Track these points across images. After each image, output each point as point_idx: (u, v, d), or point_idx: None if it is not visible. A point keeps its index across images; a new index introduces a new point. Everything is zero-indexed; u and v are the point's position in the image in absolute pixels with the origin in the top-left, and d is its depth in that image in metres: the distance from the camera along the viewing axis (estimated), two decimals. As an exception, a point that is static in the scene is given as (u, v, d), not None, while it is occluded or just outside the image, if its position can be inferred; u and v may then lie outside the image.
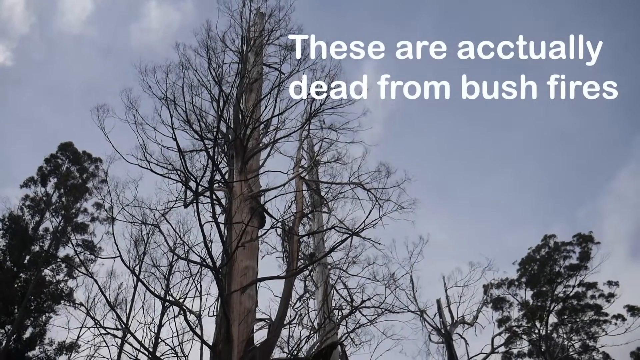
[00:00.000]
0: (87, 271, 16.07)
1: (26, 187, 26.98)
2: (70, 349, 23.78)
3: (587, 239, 28.40)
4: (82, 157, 28.89)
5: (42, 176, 27.43)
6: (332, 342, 9.70)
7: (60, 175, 27.68)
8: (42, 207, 26.36)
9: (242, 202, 9.48)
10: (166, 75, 10.19)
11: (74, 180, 28.10)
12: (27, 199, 26.52)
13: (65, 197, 27.40)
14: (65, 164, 28.53)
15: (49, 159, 28.12)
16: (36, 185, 27.19)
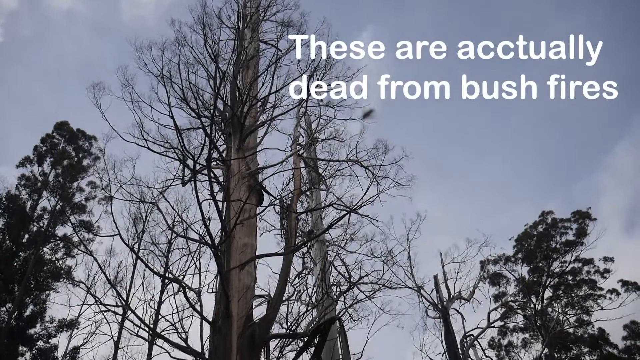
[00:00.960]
0: (87, 249, 16.16)
1: (22, 166, 26.96)
2: (70, 326, 24.03)
3: (585, 215, 28.58)
4: (77, 136, 28.81)
5: (38, 156, 27.38)
6: (330, 318, 9.80)
7: (56, 155, 27.62)
8: (39, 187, 26.37)
9: (240, 180, 9.49)
10: (162, 52, 10.11)
11: (70, 160, 28.06)
12: (23, 178, 26.52)
13: (62, 177, 27.39)
14: (61, 143, 28.45)
15: (44, 138, 28.04)
16: (32, 164, 27.17)
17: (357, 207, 10.38)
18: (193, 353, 7.81)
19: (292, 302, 12.70)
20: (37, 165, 27.16)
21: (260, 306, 10.60)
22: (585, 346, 25.45)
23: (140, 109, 10.07)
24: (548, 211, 30.12)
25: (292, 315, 12.57)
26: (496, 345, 27.91)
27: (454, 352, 17.28)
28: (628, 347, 24.82)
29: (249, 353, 7.79)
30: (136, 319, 8.33)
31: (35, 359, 23.03)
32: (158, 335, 9.99)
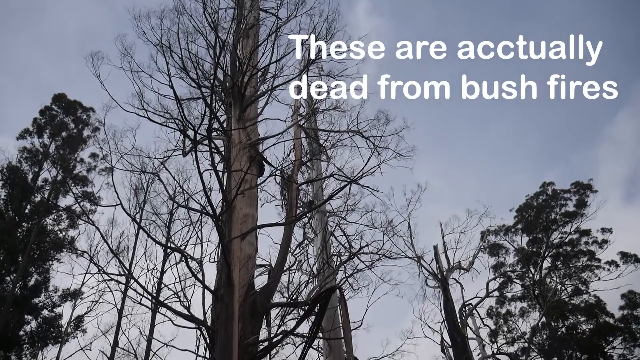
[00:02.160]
0: (89, 219, 16.26)
1: (22, 138, 26.98)
2: (74, 296, 24.37)
3: (585, 186, 28.61)
4: (75, 108, 28.70)
5: (37, 127, 27.34)
6: (330, 287, 9.91)
7: (55, 126, 27.56)
8: (39, 158, 26.39)
9: (241, 150, 9.47)
10: (160, 20, 9.97)
11: (69, 131, 28.02)
12: (24, 150, 26.53)
13: (62, 148, 27.39)
14: (59, 115, 28.36)
15: (43, 110, 27.96)
16: (32, 136, 27.14)
17: (357, 178, 10.39)
18: (196, 321, 7.91)
19: (293, 271, 12.85)
20: (37, 137, 27.16)
21: (261, 276, 10.72)
22: (582, 315, 25.78)
23: (140, 79, 9.99)
24: (549, 182, 30.19)
25: (293, 285, 12.73)
26: (494, 314, 28.30)
27: (452, 320, 17.54)
28: (624, 316, 25.14)
29: (250, 321, 7.91)
30: (139, 287, 8.44)
31: (40, 327, 23.43)
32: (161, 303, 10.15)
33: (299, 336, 10.16)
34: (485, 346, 21.76)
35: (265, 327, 9.63)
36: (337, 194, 11.32)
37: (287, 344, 13.98)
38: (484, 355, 19.45)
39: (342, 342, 12.11)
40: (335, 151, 13.59)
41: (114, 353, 20.70)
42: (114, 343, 20.87)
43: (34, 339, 23.05)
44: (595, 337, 24.66)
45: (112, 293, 22.31)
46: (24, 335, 22.96)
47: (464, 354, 16.42)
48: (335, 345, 12.01)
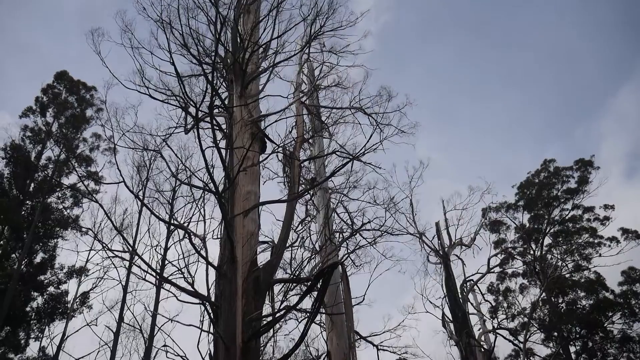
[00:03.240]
0: (92, 197, 16.34)
1: (25, 116, 26.92)
2: (80, 272, 24.63)
3: (587, 163, 28.56)
4: (78, 87, 28.57)
5: (40, 106, 27.25)
6: (333, 262, 10.01)
7: (58, 105, 27.48)
8: (42, 137, 26.39)
9: (243, 127, 9.47)
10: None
11: (72, 110, 27.95)
12: (27, 129, 26.50)
13: (65, 127, 27.36)
14: (62, 94, 28.26)
15: (45, 88, 27.83)
16: (35, 115, 27.07)
17: (359, 155, 10.40)
18: (200, 297, 8.00)
19: (295, 248, 12.97)
20: (40, 115, 27.08)
21: (264, 252, 10.81)
22: (581, 291, 25.98)
23: (141, 56, 9.95)
24: (550, 159, 30.13)
25: (295, 261, 12.86)
26: (495, 290, 28.54)
27: (453, 296, 17.72)
28: (624, 292, 25.32)
29: (254, 297, 8.00)
30: (143, 264, 8.48)
31: (47, 303, 23.74)
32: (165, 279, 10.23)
33: (301, 311, 10.31)
34: (486, 321, 21.98)
35: (269, 302, 9.74)
36: (339, 170, 11.37)
37: (290, 319, 14.20)
38: (484, 330, 19.67)
39: (344, 317, 12.27)
40: (337, 128, 13.61)
41: (119, 328, 21.03)
42: (120, 318, 21.19)
43: (41, 315, 23.38)
44: (594, 312, 24.88)
45: (116, 269, 22.53)
46: (30, 311, 23.28)
47: (464, 329, 16.62)
48: (338, 320, 12.16)
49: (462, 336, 16.40)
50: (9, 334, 22.22)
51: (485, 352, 16.64)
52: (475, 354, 16.17)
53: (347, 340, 11.76)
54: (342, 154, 12.10)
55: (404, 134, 11.86)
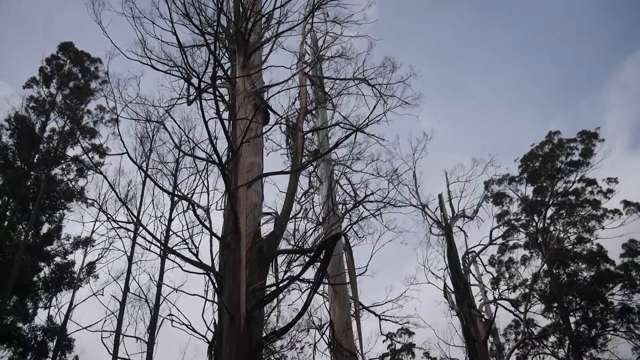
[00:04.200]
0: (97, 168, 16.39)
1: (29, 87, 26.77)
2: (85, 243, 24.90)
3: (592, 135, 28.39)
4: (82, 59, 28.34)
5: (44, 77, 27.08)
6: (336, 233, 10.08)
7: (62, 76, 27.32)
8: (46, 108, 26.31)
9: (246, 99, 9.42)
10: (161, -36, 9.72)
11: (76, 81, 27.80)
12: (31, 100, 26.40)
13: (70, 98, 27.26)
14: (66, 65, 28.07)
15: (49, 59, 27.61)
16: (39, 86, 26.92)
17: (363, 126, 10.37)
18: (204, 267, 8.09)
19: (299, 219, 13.06)
20: (44, 86, 26.94)
21: (267, 223, 10.87)
22: (583, 262, 26.16)
23: (142, 26, 9.84)
24: (555, 131, 29.94)
25: (299, 232, 12.97)
26: (497, 262, 28.77)
27: (455, 267, 17.87)
28: (625, 264, 25.47)
29: (257, 267, 8.08)
30: (148, 235, 8.56)
31: (53, 273, 24.07)
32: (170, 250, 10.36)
33: (304, 281, 10.43)
34: (487, 292, 22.25)
35: (272, 273, 9.84)
36: (343, 142, 11.34)
37: (294, 290, 14.37)
38: (485, 301, 19.90)
39: (347, 288, 12.42)
40: (340, 99, 13.52)
41: (125, 298, 21.36)
42: (125, 288, 21.51)
43: (48, 284, 23.73)
44: (595, 284, 25.09)
45: (121, 240, 22.83)
46: (38, 281, 23.63)
47: (465, 300, 16.82)
48: (341, 290, 12.31)
49: (463, 307, 16.60)
50: (17, 303, 22.61)
51: (486, 322, 16.87)
52: (476, 324, 16.39)
53: (350, 310, 11.92)
54: (346, 126, 12.06)
55: (407, 106, 11.81)
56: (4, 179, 23.77)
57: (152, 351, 19.92)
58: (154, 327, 20.41)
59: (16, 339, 21.06)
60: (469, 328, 16.29)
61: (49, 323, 22.76)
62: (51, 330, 22.29)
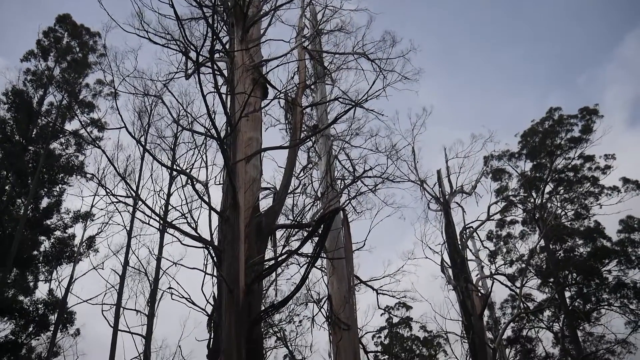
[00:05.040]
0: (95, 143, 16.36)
1: (26, 60, 26.46)
2: (85, 217, 24.97)
3: (592, 112, 28.29)
4: (81, 32, 27.98)
5: (42, 50, 26.76)
6: (334, 208, 10.13)
7: (60, 50, 27.01)
8: (44, 82, 26.08)
9: (244, 73, 9.36)
10: None
11: (74, 55, 27.50)
12: (29, 73, 26.14)
13: (68, 72, 27.00)
14: (64, 38, 27.73)
15: (47, 32, 27.25)
16: (36, 59, 26.64)
17: (362, 101, 10.33)
18: (203, 241, 8.14)
19: (297, 194, 13.10)
20: (41, 59, 26.65)
21: (266, 199, 10.92)
22: (580, 238, 26.34)
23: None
24: (556, 107, 29.80)
25: (297, 207, 13.03)
26: (494, 237, 28.94)
27: (453, 242, 17.99)
28: (621, 240, 25.65)
29: (256, 241, 8.15)
30: (147, 209, 8.62)
31: (54, 247, 24.20)
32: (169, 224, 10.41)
33: (303, 256, 10.51)
34: (484, 267, 22.45)
35: (271, 247, 9.93)
36: (342, 117, 11.30)
37: (292, 264, 14.51)
38: (482, 276, 20.10)
39: (344, 262, 12.52)
40: (340, 74, 13.43)
41: (125, 272, 21.52)
42: (125, 262, 21.65)
43: (48, 258, 23.87)
44: (591, 259, 25.30)
45: (120, 215, 22.82)
46: (38, 255, 23.76)
47: (462, 274, 16.98)
48: (338, 264, 12.42)
49: (460, 281, 16.78)
50: (17, 276, 22.78)
51: (482, 296, 17.07)
52: (472, 299, 16.58)
53: (347, 284, 12.05)
54: (345, 101, 12.02)
55: (407, 81, 11.76)
56: (2, 153, 23.71)
57: (152, 324, 20.17)
58: (154, 300, 20.62)
59: (17, 311, 21.27)
60: (466, 302, 16.49)
61: (50, 296, 22.97)
62: (52, 303, 22.50)
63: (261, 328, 8.44)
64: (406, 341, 31.90)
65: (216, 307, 7.84)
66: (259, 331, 7.77)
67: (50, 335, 21.75)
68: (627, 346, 23.84)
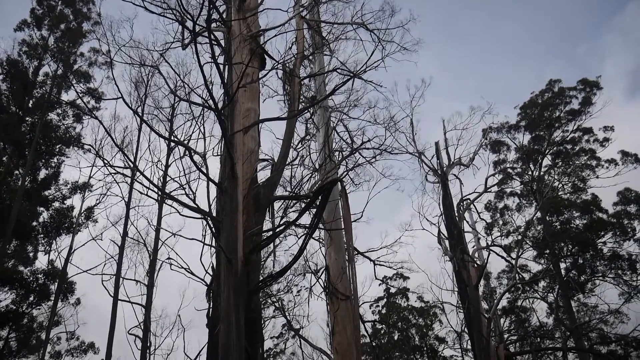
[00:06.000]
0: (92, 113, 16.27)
1: (20, 30, 26.07)
2: (83, 189, 25.00)
3: (592, 84, 28.09)
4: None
5: (36, 19, 26.34)
6: (332, 179, 10.15)
7: (54, 18, 26.57)
8: (39, 52, 25.75)
9: (242, 43, 9.25)
10: None
11: (68, 23, 27.08)
12: (23, 43, 25.78)
13: (62, 41, 26.63)
14: (58, 6, 27.27)
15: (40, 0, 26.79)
16: (30, 28, 26.23)
17: (361, 72, 10.25)
18: (201, 212, 8.17)
19: (295, 166, 13.11)
20: (35, 29, 26.24)
21: (264, 170, 10.93)
22: (576, 211, 26.48)
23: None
24: (556, 79, 29.57)
25: (295, 179, 13.05)
26: (491, 209, 29.08)
27: (450, 214, 18.07)
28: (617, 212, 25.79)
29: (254, 213, 8.19)
30: (145, 180, 8.61)
31: (52, 218, 24.29)
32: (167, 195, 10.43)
33: (300, 227, 10.60)
34: (480, 239, 22.62)
35: (269, 218, 9.98)
36: (340, 88, 11.23)
37: (290, 235, 14.62)
38: (478, 247, 20.26)
39: (342, 233, 12.62)
40: (338, 45, 13.29)
41: (124, 242, 21.69)
42: (124, 233, 21.79)
43: (48, 229, 23.99)
44: (587, 231, 25.49)
45: (119, 186, 22.88)
46: (37, 225, 23.87)
47: (459, 246, 17.11)
48: (336, 236, 12.51)
49: (456, 252, 16.91)
50: (17, 247, 22.94)
51: (478, 267, 17.23)
52: (469, 270, 16.74)
53: (345, 255, 12.17)
54: (343, 72, 11.93)
55: (406, 52, 11.66)
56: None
57: (151, 293, 20.43)
58: (153, 271, 20.84)
59: (18, 281, 21.48)
60: (462, 273, 16.66)
61: (50, 266, 23.16)
62: (52, 274, 22.71)
63: (260, 298, 8.55)
64: (403, 311, 32.37)
65: (215, 277, 7.93)
66: (257, 301, 7.88)
67: (51, 305, 22.04)
68: (619, 316, 24.25)
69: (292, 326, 17.87)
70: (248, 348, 6.61)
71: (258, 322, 7.74)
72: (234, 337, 6.27)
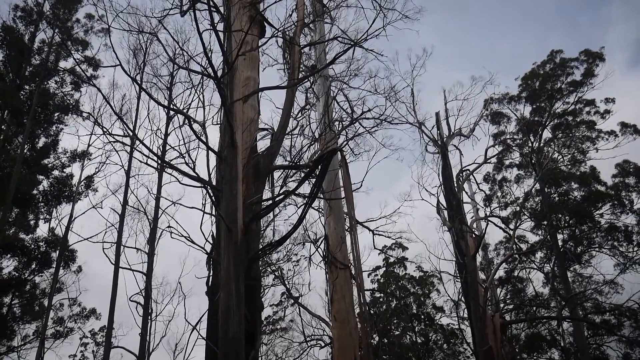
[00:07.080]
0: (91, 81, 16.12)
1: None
2: (82, 157, 24.97)
3: (595, 55, 27.75)
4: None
5: (30, -17, 25.81)
6: (332, 149, 10.14)
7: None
8: (34, 18, 25.35)
9: (241, 9, 9.11)
10: None
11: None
12: (17, 9, 25.35)
13: (58, 7, 26.18)
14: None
15: (32, -38, 26.20)
16: (25, -6, 25.74)
17: (361, 41, 10.12)
18: (201, 181, 8.19)
19: (295, 135, 13.08)
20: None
21: (263, 139, 10.91)
22: (575, 183, 26.52)
23: None
24: (558, 50, 29.20)
25: (295, 148, 13.03)
26: (490, 180, 29.12)
27: (449, 185, 18.13)
28: (616, 184, 25.84)
29: (254, 182, 8.21)
30: (145, 149, 8.58)
31: (52, 186, 24.33)
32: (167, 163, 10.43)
33: (300, 196, 10.63)
34: (479, 210, 22.76)
35: (268, 188, 10.00)
36: (340, 57, 11.10)
37: (289, 205, 14.69)
38: (477, 218, 20.39)
39: (342, 203, 12.68)
40: (339, 12, 13.09)
41: (124, 211, 21.77)
42: (124, 201, 21.86)
43: (48, 197, 24.05)
44: (585, 203, 25.61)
45: (118, 154, 22.84)
46: (37, 194, 23.92)
47: (457, 216, 17.22)
48: (336, 205, 12.58)
49: (455, 223, 17.03)
50: (18, 215, 23.04)
51: (476, 238, 17.37)
52: (467, 240, 16.89)
53: (345, 224, 12.25)
54: (344, 40, 11.77)
55: (408, 20, 11.45)
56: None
57: (152, 261, 20.62)
58: (154, 239, 20.98)
59: (19, 249, 21.67)
60: (460, 243, 16.82)
61: (51, 234, 23.32)
62: (53, 242, 22.88)
63: (259, 266, 8.65)
64: (401, 280, 32.78)
65: (215, 246, 8.00)
66: (257, 269, 7.96)
67: (53, 272, 22.28)
68: (614, 287, 24.59)
69: (291, 294, 18.11)
70: (247, 315, 6.71)
71: (257, 289, 7.84)
72: (234, 304, 6.36)
